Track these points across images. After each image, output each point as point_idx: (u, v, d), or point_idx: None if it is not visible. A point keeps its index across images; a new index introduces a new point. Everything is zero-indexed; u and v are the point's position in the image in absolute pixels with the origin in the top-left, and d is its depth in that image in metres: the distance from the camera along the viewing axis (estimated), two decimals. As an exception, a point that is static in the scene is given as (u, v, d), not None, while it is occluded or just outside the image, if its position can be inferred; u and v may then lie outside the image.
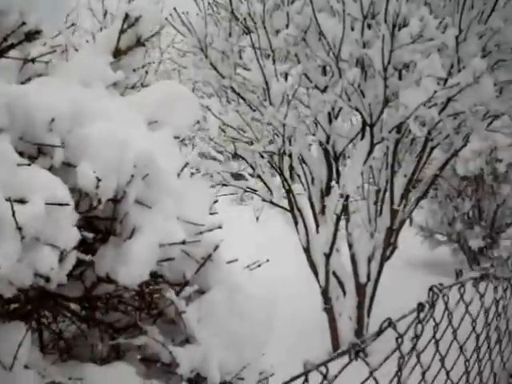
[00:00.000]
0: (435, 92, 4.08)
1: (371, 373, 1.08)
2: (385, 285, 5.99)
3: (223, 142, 5.20)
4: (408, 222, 10.55)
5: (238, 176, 6.26)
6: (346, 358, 1.16)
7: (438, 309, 1.49)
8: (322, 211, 5.46)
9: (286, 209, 5.46)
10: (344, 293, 5.70)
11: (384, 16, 4.04)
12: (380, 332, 1.12)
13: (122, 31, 1.65)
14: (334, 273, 5.59)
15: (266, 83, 4.61)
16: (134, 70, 1.73)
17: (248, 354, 1.37)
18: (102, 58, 1.60)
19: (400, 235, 5.97)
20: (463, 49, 4.62)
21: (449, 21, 4.43)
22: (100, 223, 1.31)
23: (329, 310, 5.58)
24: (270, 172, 5.68)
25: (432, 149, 5.67)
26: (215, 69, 5.23)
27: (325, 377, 0.98)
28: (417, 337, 1.27)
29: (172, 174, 1.31)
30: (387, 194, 5.53)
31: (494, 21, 4.64)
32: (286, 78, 4.85)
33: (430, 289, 1.36)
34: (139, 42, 1.69)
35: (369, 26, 4.37)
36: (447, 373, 1.47)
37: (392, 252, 5.84)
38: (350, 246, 5.61)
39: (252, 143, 4.80)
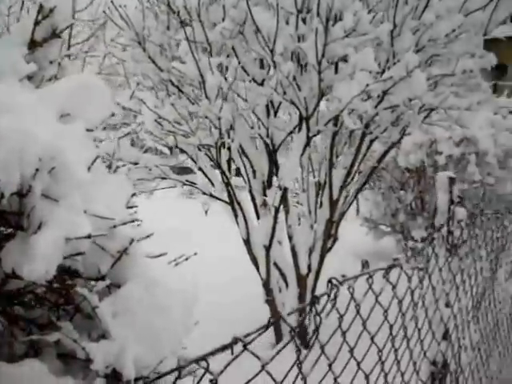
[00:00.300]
0: (367, 85, 4.14)
1: (263, 367, 1.09)
2: (330, 275, 6.03)
3: (163, 136, 5.16)
4: (355, 213, 10.71)
5: (185, 169, 6.20)
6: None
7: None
8: (264, 204, 5.48)
9: (225, 202, 5.46)
10: (286, 284, 5.75)
11: (317, 10, 4.06)
12: (267, 326, 1.14)
13: (36, 22, 1.63)
14: (276, 265, 5.63)
15: (202, 76, 4.59)
16: (51, 62, 1.70)
17: (166, 348, 1.36)
18: (15, 49, 1.57)
19: (346, 227, 6.04)
20: (398, 43, 4.70)
21: (384, 15, 4.50)
22: (10, 218, 1.29)
23: (271, 301, 5.62)
24: (213, 165, 5.65)
25: (371, 141, 5.75)
26: (153, 62, 5.18)
27: (206, 370, 0.99)
28: (316, 329, 1.30)
29: (82, 167, 1.29)
30: (327, 186, 5.59)
31: (428, 16, 4.74)
32: (226, 71, 4.84)
33: (329, 281, 1.39)
34: (55, 34, 1.67)
35: (303, 20, 4.40)
36: (358, 364, 1.51)
37: (333, 243, 5.91)
38: (290, 237, 5.65)
39: (189, 136, 4.77)
